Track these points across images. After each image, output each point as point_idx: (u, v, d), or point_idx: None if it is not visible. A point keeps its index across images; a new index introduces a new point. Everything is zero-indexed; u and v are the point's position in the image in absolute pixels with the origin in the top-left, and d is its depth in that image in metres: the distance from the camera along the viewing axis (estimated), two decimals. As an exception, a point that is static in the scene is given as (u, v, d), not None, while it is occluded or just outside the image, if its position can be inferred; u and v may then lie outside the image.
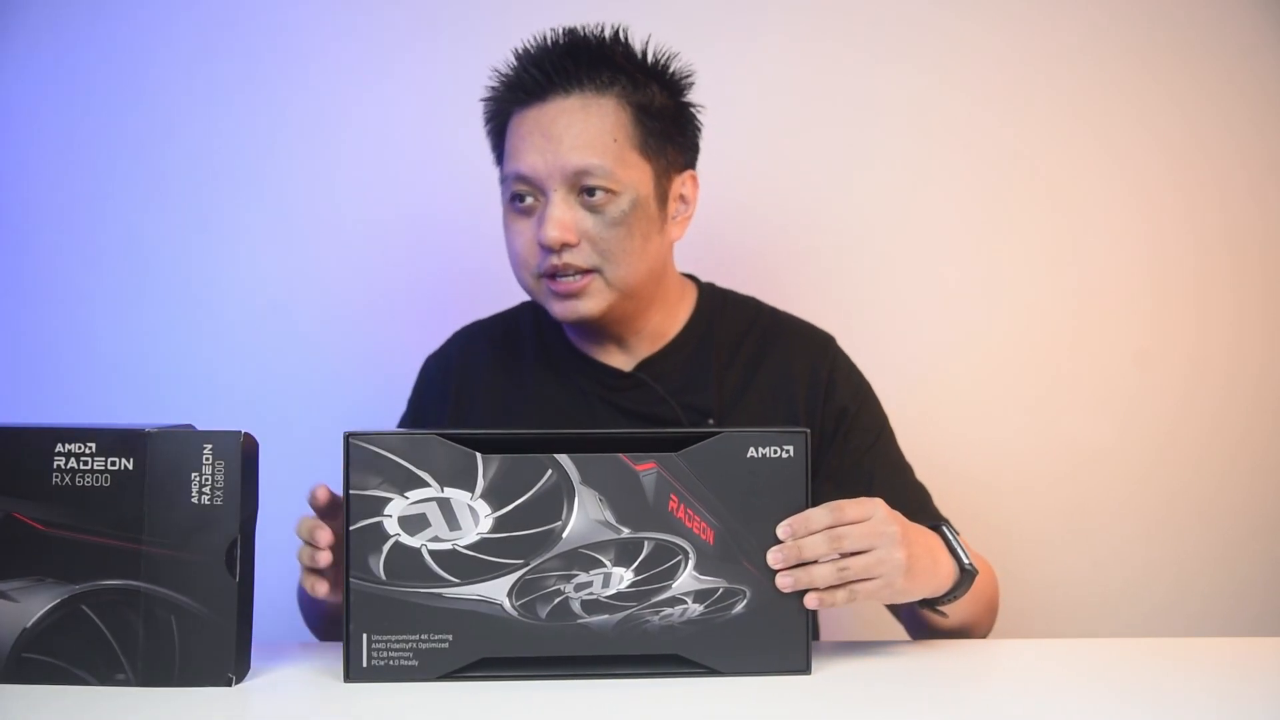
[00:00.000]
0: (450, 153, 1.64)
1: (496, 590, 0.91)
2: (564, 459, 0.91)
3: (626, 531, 0.91)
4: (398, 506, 0.91)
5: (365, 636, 0.91)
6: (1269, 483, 1.65)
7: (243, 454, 0.90)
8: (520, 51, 1.19)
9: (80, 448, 0.90)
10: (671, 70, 1.20)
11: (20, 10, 1.64)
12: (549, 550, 0.91)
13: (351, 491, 0.91)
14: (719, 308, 1.29)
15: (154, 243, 1.65)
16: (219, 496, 0.90)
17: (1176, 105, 1.63)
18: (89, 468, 0.90)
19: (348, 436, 0.91)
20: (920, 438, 1.34)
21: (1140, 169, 1.64)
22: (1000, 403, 1.65)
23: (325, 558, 0.96)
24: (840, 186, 1.65)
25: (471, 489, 0.91)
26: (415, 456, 0.91)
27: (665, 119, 1.19)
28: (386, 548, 0.91)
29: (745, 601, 0.91)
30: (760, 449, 0.92)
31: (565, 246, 1.14)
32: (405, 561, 0.91)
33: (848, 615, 1.48)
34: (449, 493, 0.91)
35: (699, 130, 1.24)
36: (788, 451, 0.92)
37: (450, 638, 0.91)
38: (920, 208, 1.65)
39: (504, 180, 1.19)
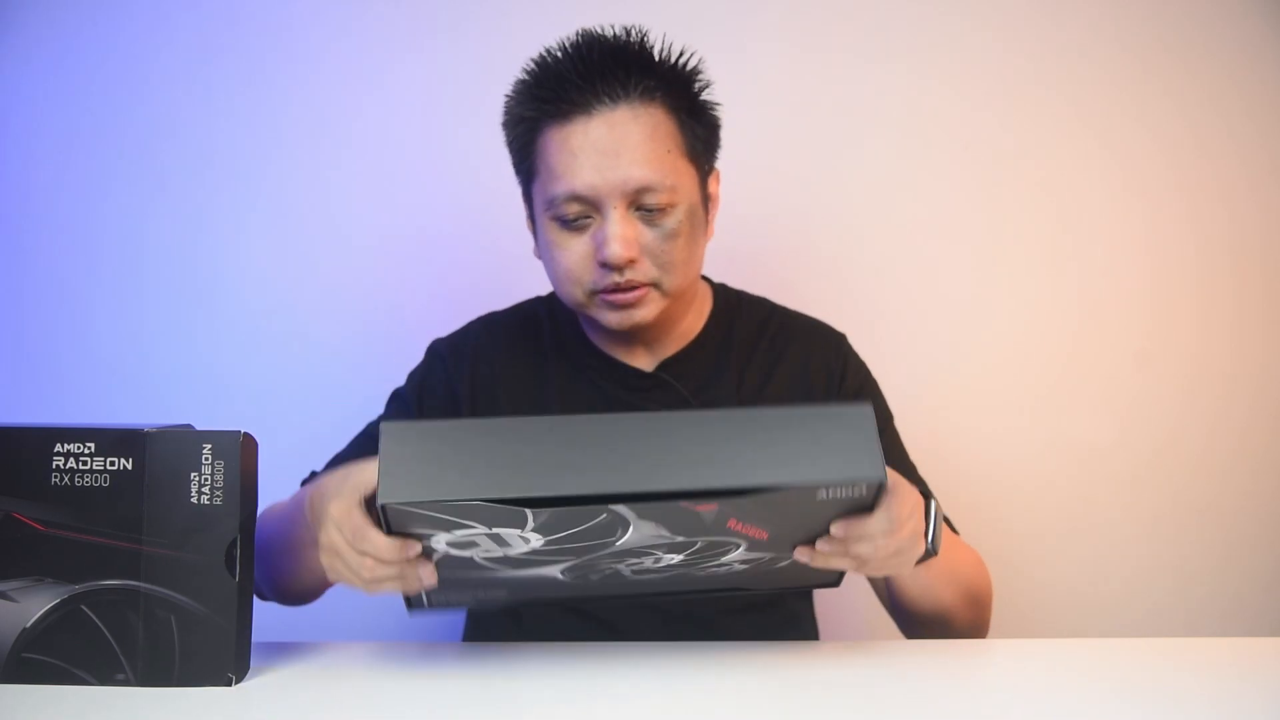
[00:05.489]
0: (451, 153, 1.64)
1: (550, 571, 0.90)
2: (620, 509, 0.81)
3: (681, 538, 0.86)
4: (443, 538, 0.84)
5: (425, 595, 0.92)
6: (1269, 483, 1.65)
7: (242, 454, 0.90)
8: (548, 61, 1.12)
9: (79, 448, 0.90)
10: (692, 67, 1.16)
11: (20, 9, 1.64)
12: (603, 551, 0.87)
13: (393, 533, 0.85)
14: (735, 307, 1.29)
15: (154, 242, 1.66)
16: (218, 496, 0.90)
17: (1177, 105, 1.63)
18: (88, 468, 0.90)
19: (382, 506, 0.79)
20: (922, 437, 1.34)
21: (1141, 169, 1.64)
22: (1001, 403, 1.65)
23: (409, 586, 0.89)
24: (840, 188, 1.65)
25: (521, 527, 0.82)
26: (459, 512, 0.80)
27: (702, 120, 1.16)
28: (435, 558, 0.87)
29: (790, 560, 0.92)
30: (832, 492, 0.83)
31: (629, 263, 1.11)
32: (457, 563, 0.87)
33: (848, 616, 1.48)
34: (497, 530, 0.83)
35: (720, 125, 1.20)
36: (860, 491, 0.83)
37: (505, 592, 0.95)
38: (920, 209, 1.65)
39: (551, 199, 1.11)
